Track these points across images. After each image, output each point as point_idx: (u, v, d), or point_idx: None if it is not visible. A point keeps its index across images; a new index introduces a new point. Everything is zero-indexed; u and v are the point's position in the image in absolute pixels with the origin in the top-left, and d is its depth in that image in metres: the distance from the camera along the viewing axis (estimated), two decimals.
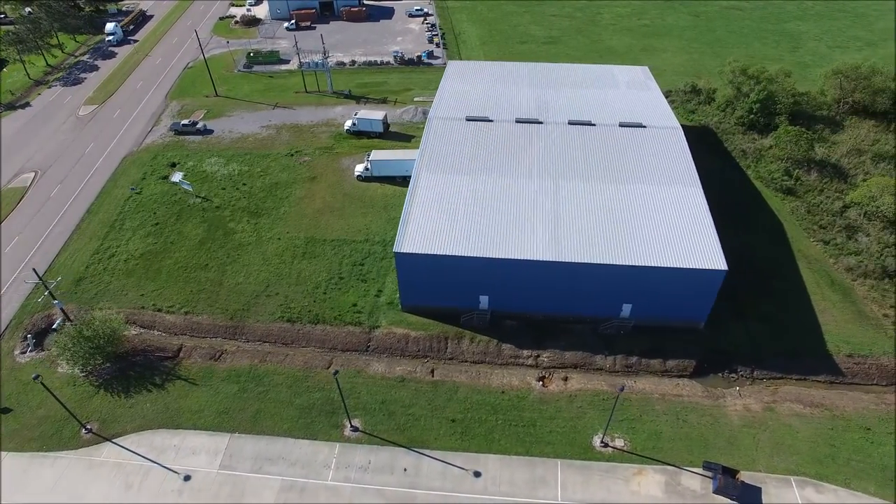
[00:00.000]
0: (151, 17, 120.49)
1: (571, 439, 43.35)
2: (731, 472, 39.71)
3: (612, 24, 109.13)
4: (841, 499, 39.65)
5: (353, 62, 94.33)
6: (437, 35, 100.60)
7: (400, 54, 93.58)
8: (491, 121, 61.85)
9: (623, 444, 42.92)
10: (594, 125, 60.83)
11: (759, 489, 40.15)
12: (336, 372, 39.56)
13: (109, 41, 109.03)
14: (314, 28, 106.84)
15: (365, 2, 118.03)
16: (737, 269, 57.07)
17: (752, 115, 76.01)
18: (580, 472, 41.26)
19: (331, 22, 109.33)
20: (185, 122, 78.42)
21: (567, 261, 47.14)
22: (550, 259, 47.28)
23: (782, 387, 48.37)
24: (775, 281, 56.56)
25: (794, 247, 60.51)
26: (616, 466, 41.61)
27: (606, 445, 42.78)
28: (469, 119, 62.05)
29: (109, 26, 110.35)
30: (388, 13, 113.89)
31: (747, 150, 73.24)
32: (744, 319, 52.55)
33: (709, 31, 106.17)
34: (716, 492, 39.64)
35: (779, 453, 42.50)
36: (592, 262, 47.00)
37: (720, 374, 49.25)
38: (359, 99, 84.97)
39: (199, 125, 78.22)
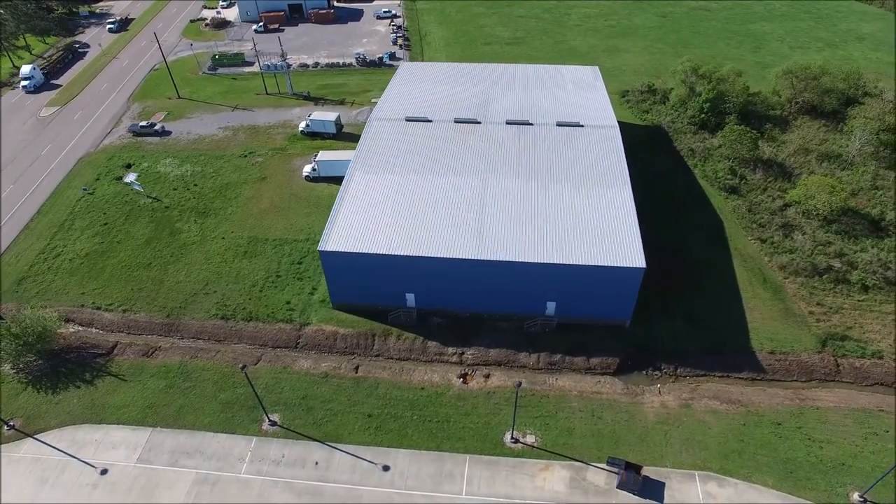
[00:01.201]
0: (85, 53, 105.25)
1: (483, 435, 44.00)
2: (634, 468, 40.27)
3: (578, 24, 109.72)
4: (740, 492, 40.18)
5: (317, 64, 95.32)
6: (401, 36, 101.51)
7: (362, 56, 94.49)
8: (430, 121, 62.59)
9: (534, 440, 43.50)
10: (532, 125, 61.45)
11: (663, 484, 40.67)
12: (244, 367, 40.35)
13: (25, 87, 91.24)
14: (283, 30, 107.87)
15: (336, 4, 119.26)
16: (671, 267, 58.04)
17: (703, 115, 76.46)
18: (488, 468, 41.90)
19: (299, 24, 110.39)
20: (144, 123, 79.55)
21: (489, 259, 47.76)
22: (472, 257, 47.94)
23: (704, 384, 48.80)
24: (709, 279, 56.96)
25: (732, 245, 60.93)
26: (524, 462, 42.22)
27: (517, 441, 43.37)
28: (408, 120, 62.83)
29: (25, 69, 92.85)
30: (356, 15, 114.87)
31: (696, 148, 73.64)
32: (673, 317, 52.95)
33: (674, 31, 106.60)
34: (618, 487, 40.24)
35: (688, 449, 43.01)
36: (514, 260, 47.57)
37: (644, 372, 49.68)
38: (317, 100, 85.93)
39: (158, 127, 79.31)
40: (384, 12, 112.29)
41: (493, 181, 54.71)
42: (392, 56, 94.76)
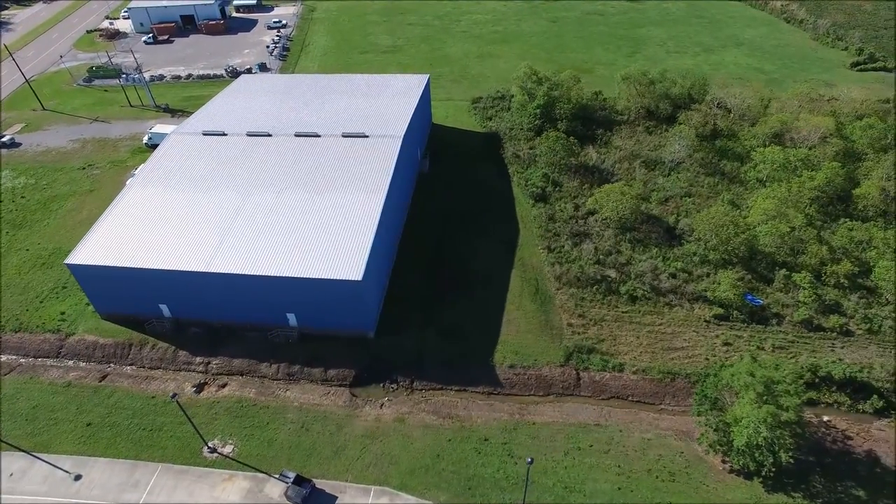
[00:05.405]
0: None
1: (186, 444, 44.49)
2: (304, 481, 40.42)
3: (464, 31, 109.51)
4: None
5: (189, 76, 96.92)
6: (277, 47, 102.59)
7: (232, 68, 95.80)
8: (225, 135, 63.39)
9: (230, 451, 43.91)
10: (319, 136, 61.90)
11: (335, 498, 40.76)
12: None
13: None
14: (172, 42, 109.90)
15: (235, 14, 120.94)
16: (449, 278, 57.76)
17: (536, 121, 75.96)
18: (175, 477, 42.42)
19: (190, 35, 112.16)
20: None
21: (216, 272, 48.26)
22: (202, 270, 48.44)
23: (438, 397, 48.65)
24: (483, 290, 56.59)
25: (520, 254, 60.45)
26: (211, 472, 42.65)
27: (214, 451, 43.83)
28: (205, 133, 63.72)
29: None
30: (249, 25, 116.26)
31: (521, 155, 73.16)
32: (429, 329, 52.68)
33: (557, 36, 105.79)
34: (286, 498, 40.38)
35: (377, 463, 42.94)
36: (241, 272, 47.97)
37: (381, 385, 49.80)
38: (174, 112, 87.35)
39: (6, 139, 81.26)
40: (274, 22, 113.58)
41: (256, 194, 55.20)
42: (263, 67, 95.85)
